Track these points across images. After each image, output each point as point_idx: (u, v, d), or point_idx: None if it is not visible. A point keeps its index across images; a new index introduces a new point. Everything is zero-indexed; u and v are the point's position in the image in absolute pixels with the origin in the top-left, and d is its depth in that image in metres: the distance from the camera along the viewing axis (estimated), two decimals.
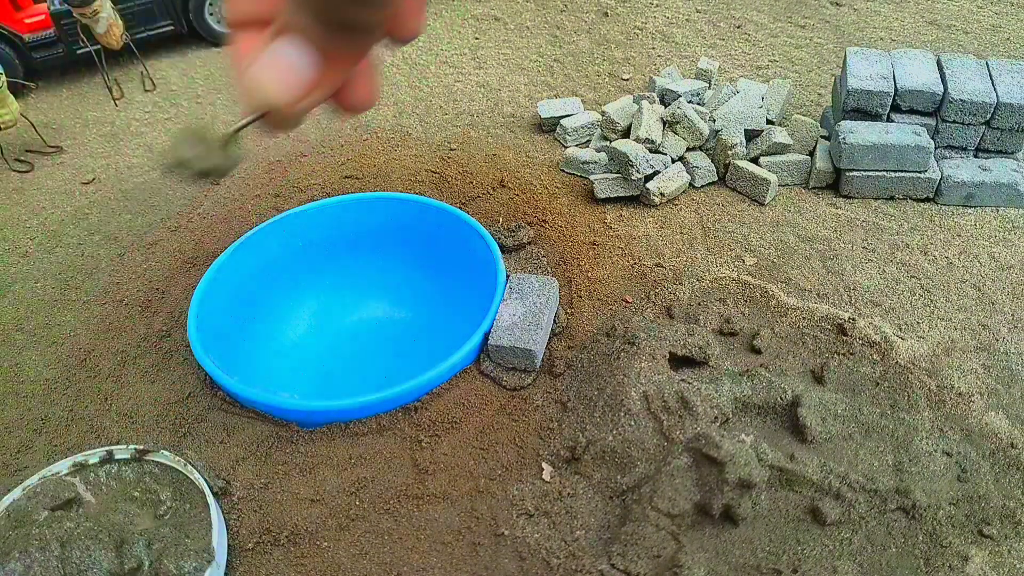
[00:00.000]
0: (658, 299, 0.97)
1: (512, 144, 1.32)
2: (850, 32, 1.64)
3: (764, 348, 0.89)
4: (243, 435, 0.82)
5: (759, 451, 0.74)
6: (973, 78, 1.15)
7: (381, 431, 0.82)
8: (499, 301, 0.90)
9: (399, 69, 1.57)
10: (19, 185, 1.41)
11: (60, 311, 1.05)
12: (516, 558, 0.71)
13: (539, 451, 0.80)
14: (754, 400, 0.81)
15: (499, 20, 1.74)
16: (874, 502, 0.72)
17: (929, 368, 0.86)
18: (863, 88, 1.14)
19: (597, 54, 1.60)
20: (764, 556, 0.69)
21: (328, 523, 0.75)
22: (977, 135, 1.15)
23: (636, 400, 0.80)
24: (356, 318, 1.03)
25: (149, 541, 0.65)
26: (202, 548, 0.65)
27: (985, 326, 0.93)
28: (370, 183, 1.22)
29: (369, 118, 1.41)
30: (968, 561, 0.68)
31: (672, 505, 0.71)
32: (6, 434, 0.86)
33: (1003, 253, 1.04)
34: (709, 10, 1.75)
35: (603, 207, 1.15)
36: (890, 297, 0.98)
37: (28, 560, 0.63)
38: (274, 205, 1.19)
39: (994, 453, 0.77)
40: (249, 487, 0.78)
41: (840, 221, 1.11)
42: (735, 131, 1.17)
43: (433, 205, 1.03)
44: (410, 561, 0.72)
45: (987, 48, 1.55)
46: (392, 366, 0.96)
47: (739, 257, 1.05)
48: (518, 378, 0.87)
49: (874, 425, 0.79)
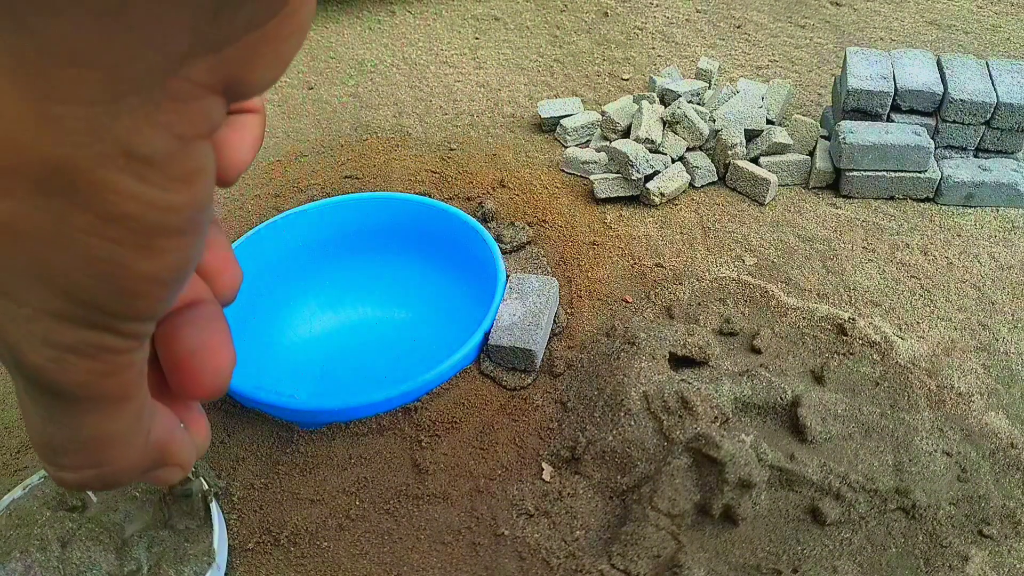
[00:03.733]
0: (658, 299, 0.97)
1: (512, 144, 1.32)
2: (850, 32, 1.64)
3: (764, 348, 0.88)
4: (243, 435, 0.82)
5: (759, 451, 0.73)
6: (973, 78, 1.14)
7: (381, 431, 0.82)
8: (499, 301, 0.90)
9: (399, 69, 1.56)
10: None
11: None
12: (516, 558, 0.71)
13: (539, 451, 0.80)
14: (754, 400, 0.81)
15: (499, 20, 1.74)
16: (874, 502, 0.72)
17: (929, 368, 0.86)
18: (863, 88, 1.14)
19: (597, 54, 1.60)
20: (764, 556, 0.69)
21: (328, 523, 0.75)
22: (977, 135, 1.15)
23: (636, 400, 0.80)
24: (356, 318, 1.03)
25: (149, 544, 0.65)
26: (202, 552, 0.65)
27: (985, 326, 0.93)
28: (370, 183, 1.22)
29: (369, 118, 1.41)
30: (968, 561, 0.68)
31: (672, 505, 0.71)
32: (6, 434, 0.86)
33: (1003, 253, 1.04)
34: (709, 10, 1.75)
35: (603, 207, 1.15)
36: (890, 297, 0.98)
37: (28, 560, 0.62)
38: (274, 205, 1.18)
39: (994, 453, 0.77)
40: (249, 487, 0.77)
41: (840, 221, 1.11)
42: (735, 131, 1.17)
43: (433, 205, 1.03)
44: (410, 561, 0.71)
45: (987, 48, 1.55)
46: (392, 366, 0.96)
47: (739, 257, 1.05)
48: (518, 378, 0.86)
49: (874, 425, 0.79)
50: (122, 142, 0.19)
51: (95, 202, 0.19)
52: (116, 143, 0.19)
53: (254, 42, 0.21)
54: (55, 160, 0.19)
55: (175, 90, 0.19)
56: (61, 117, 0.18)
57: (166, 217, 0.20)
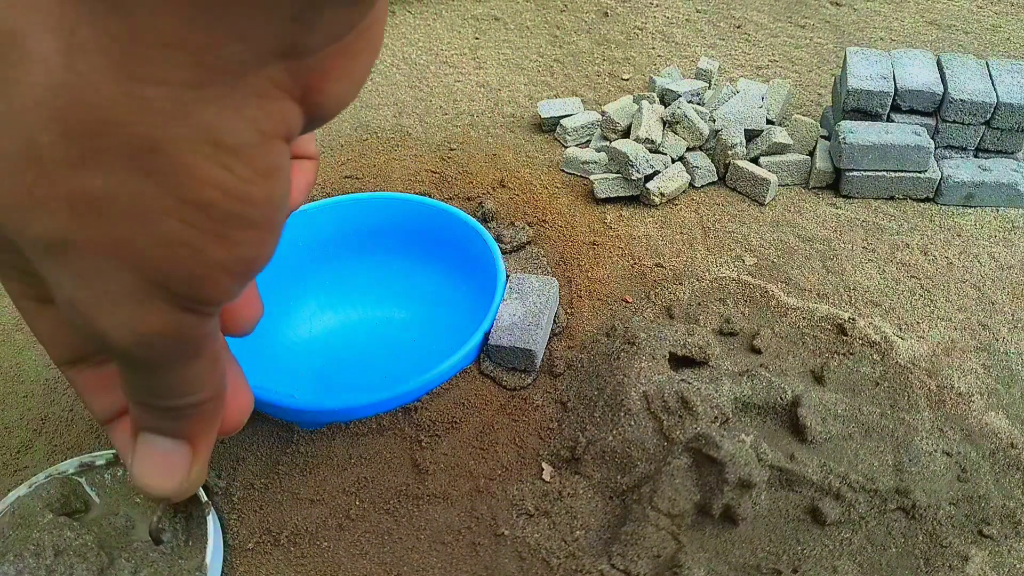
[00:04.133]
0: (658, 299, 0.97)
1: (512, 144, 1.32)
2: (850, 32, 1.64)
3: (764, 348, 0.88)
4: (243, 435, 0.82)
5: (759, 451, 0.73)
6: (973, 78, 1.15)
7: (381, 431, 0.82)
8: (499, 301, 0.90)
9: (399, 69, 1.56)
10: None
11: None
12: (516, 558, 0.71)
13: (539, 451, 0.80)
14: (754, 400, 0.81)
15: (499, 20, 1.74)
16: (874, 502, 0.72)
17: (929, 368, 0.86)
18: (863, 88, 1.14)
19: (597, 54, 1.60)
20: (764, 556, 0.69)
21: (328, 523, 0.75)
22: (977, 135, 1.15)
23: (636, 400, 0.80)
24: (356, 318, 1.03)
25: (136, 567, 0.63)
26: (195, 567, 0.64)
27: (985, 326, 0.93)
28: (370, 183, 1.22)
29: (369, 118, 1.41)
30: (968, 561, 0.68)
31: (672, 505, 0.71)
32: (6, 434, 0.86)
33: (1003, 253, 1.04)
34: (709, 10, 1.75)
35: (603, 207, 1.15)
36: (890, 297, 0.98)
37: (20, 565, 0.62)
38: None
39: (994, 453, 0.77)
40: (249, 487, 0.77)
41: (840, 221, 1.11)
42: (735, 131, 1.17)
43: (433, 205, 1.03)
44: (410, 561, 0.71)
45: (987, 48, 1.55)
46: (392, 366, 0.96)
47: (739, 257, 1.05)
48: (518, 378, 0.86)
49: (874, 425, 0.79)
50: (208, 129, 0.20)
51: (179, 186, 0.20)
52: (202, 130, 0.19)
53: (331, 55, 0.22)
54: (145, 140, 0.19)
55: (258, 86, 0.20)
56: (151, 98, 0.19)
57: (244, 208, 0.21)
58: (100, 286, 0.21)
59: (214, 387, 0.28)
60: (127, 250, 0.20)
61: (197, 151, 0.20)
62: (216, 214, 0.20)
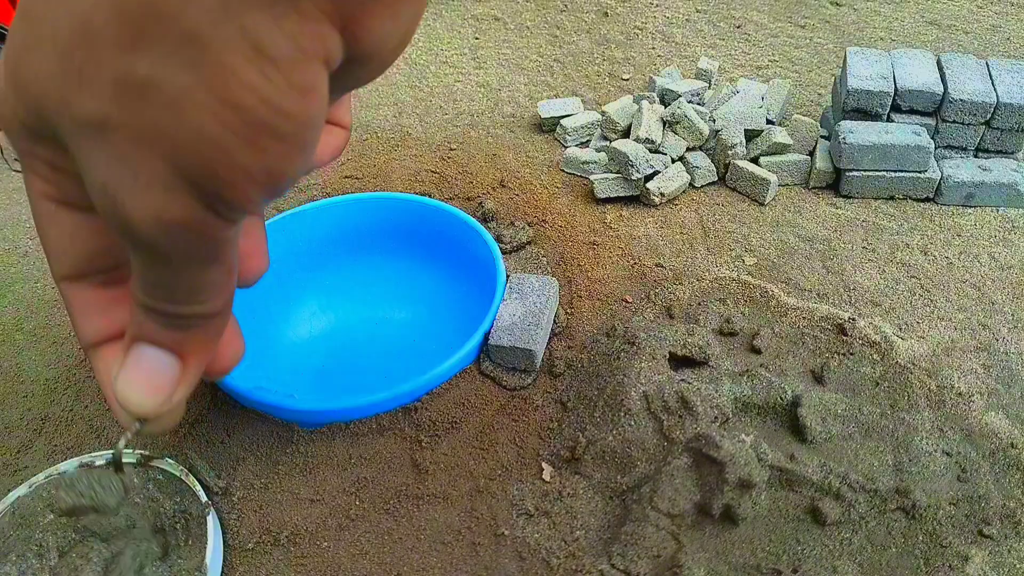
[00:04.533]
0: (658, 299, 0.97)
1: (512, 144, 1.32)
2: (850, 32, 1.64)
3: (764, 348, 0.88)
4: (243, 435, 0.82)
5: (759, 451, 0.73)
6: (973, 78, 1.15)
7: (381, 431, 0.82)
8: (499, 301, 0.90)
9: (399, 69, 1.56)
10: (19, 185, 1.41)
11: (60, 311, 1.04)
12: (516, 558, 0.71)
13: (539, 451, 0.80)
14: (754, 400, 0.81)
15: (499, 20, 1.74)
16: (874, 502, 0.72)
17: (929, 368, 0.86)
18: (863, 88, 1.14)
19: (597, 54, 1.60)
20: (764, 556, 0.69)
21: (328, 523, 0.75)
22: (977, 135, 1.15)
23: (636, 400, 0.80)
24: (356, 318, 1.03)
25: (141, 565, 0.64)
26: (194, 567, 0.64)
27: (985, 326, 0.93)
28: (370, 183, 1.22)
29: (369, 118, 1.41)
30: (968, 561, 0.68)
31: (672, 505, 0.71)
32: (6, 434, 0.86)
33: (1003, 253, 1.04)
34: (709, 10, 1.75)
35: (603, 207, 1.15)
36: (890, 297, 0.98)
37: (24, 565, 0.62)
38: (274, 205, 1.19)
39: (994, 453, 0.77)
40: (249, 487, 0.77)
41: (840, 221, 1.11)
42: (735, 131, 1.17)
43: (433, 205, 1.03)
44: (410, 561, 0.71)
45: (987, 48, 1.55)
46: (392, 366, 0.96)
47: (739, 257, 1.05)
48: (518, 378, 0.86)
49: (874, 425, 0.79)
50: (250, 33, 0.20)
51: (218, 84, 0.21)
52: (245, 33, 0.20)
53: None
54: (191, 29, 0.20)
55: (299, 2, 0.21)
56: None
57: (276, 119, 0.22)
58: (132, 170, 0.22)
59: (223, 301, 0.28)
60: (162, 139, 0.21)
61: (239, 52, 0.20)
62: (249, 118, 0.21)
